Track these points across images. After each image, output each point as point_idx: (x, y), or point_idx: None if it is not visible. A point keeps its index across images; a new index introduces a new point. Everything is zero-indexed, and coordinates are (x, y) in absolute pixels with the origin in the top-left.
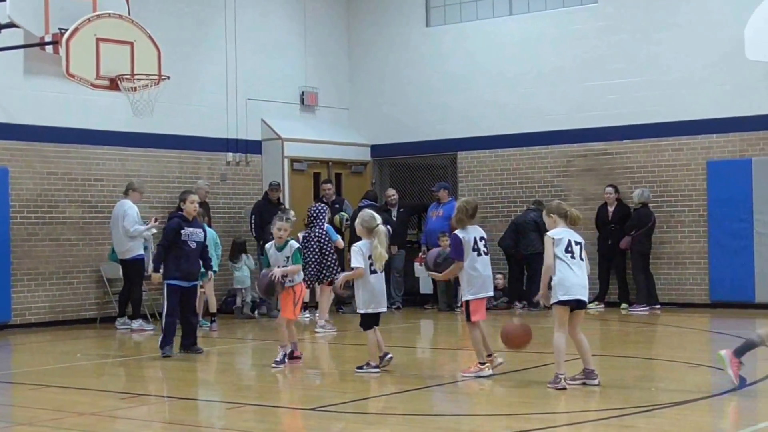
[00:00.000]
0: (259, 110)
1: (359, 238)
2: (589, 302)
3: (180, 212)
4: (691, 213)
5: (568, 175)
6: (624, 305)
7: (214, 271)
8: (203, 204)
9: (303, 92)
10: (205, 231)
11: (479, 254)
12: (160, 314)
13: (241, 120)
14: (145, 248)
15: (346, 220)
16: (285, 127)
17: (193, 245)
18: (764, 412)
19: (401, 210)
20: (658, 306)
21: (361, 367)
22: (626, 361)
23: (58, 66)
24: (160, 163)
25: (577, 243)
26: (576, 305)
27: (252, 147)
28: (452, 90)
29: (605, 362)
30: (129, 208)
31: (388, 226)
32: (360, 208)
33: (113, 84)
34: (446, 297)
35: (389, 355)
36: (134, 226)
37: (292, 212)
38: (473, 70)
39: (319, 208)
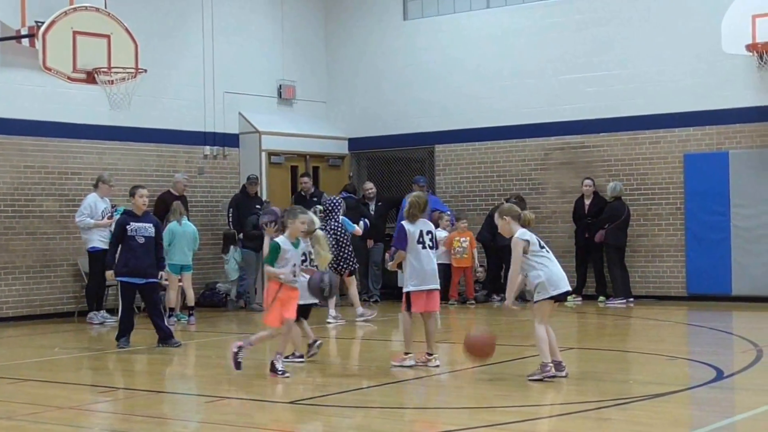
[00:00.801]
0: (237, 104)
1: None
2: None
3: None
4: (668, 206)
5: (545, 168)
6: (601, 298)
7: (189, 267)
8: (181, 198)
9: (280, 86)
10: (156, 226)
11: (424, 247)
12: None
13: (218, 113)
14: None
15: (321, 212)
16: (262, 121)
17: (142, 240)
18: (741, 404)
19: (379, 203)
20: (632, 300)
21: (287, 357)
22: (603, 354)
23: (34, 59)
24: (138, 157)
25: (540, 240)
26: (558, 298)
27: (229, 140)
28: (429, 83)
29: (583, 355)
30: (85, 200)
31: (366, 220)
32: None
33: (90, 77)
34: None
35: (318, 342)
36: (79, 218)
37: (319, 207)
38: (450, 64)
39: (334, 200)
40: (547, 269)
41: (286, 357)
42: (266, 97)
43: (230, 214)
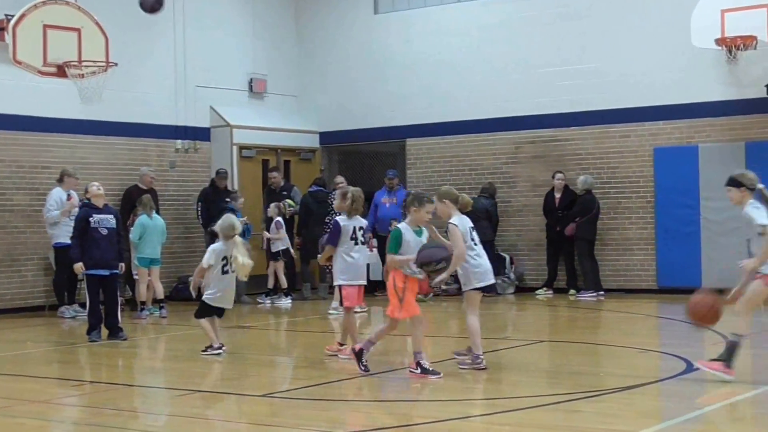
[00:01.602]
0: (208, 97)
1: (309, 222)
2: (538, 288)
3: (88, 200)
4: (639, 199)
5: (516, 162)
6: (572, 291)
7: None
8: (151, 191)
9: (251, 79)
10: (117, 217)
11: (356, 243)
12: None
13: (189, 107)
14: None
15: (290, 206)
16: (233, 114)
17: (105, 232)
18: (710, 396)
19: None
20: (602, 293)
21: (205, 350)
22: (575, 347)
23: (4, 53)
24: (109, 151)
25: (472, 228)
26: (486, 289)
27: (201, 134)
28: (401, 77)
29: (554, 348)
30: (51, 195)
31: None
32: (310, 194)
33: (61, 71)
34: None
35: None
36: (48, 214)
37: (289, 201)
38: (422, 58)
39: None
40: (474, 260)
41: (204, 350)
42: (237, 91)
43: (199, 208)
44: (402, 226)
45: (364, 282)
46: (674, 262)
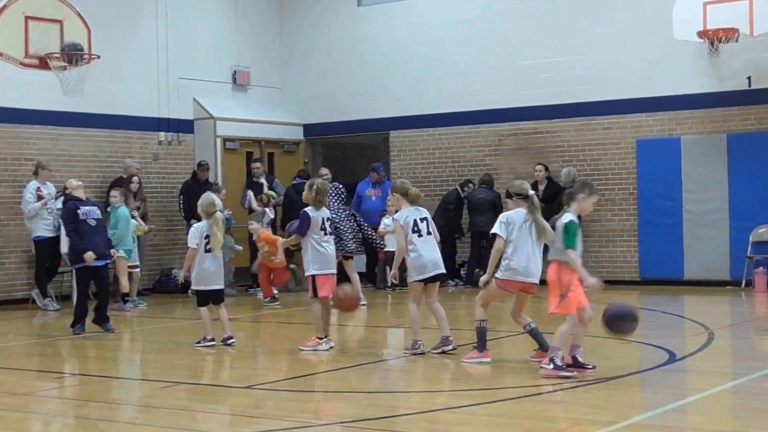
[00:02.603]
0: (191, 89)
1: (290, 217)
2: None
3: (70, 194)
4: (621, 191)
5: (498, 154)
6: None
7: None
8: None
9: (235, 71)
10: (101, 208)
11: (326, 233)
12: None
13: (172, 99)
14: (57, 227)
15: (272, 198)
16: (217, 107)
17: (93, 223)
18: (693, 386)
19: None
20: (587, 285)
21: (198, 342)
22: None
23: None
24: (92, 143)
25: (422, 219)
26: (431, 279)
27: (184, 126)
28: (384, 69)
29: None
30: (27, 188)
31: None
32: (294, 187)
33: (43, 62)
34: (383, 275)
35: (232, 340)
36: (27, 207)
37: (271, 192)
38: (405, 50)
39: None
40: (414, 253)
41: (197, 342)
42: (221, 83)
43: (181, 201)
44: (572, 215)
45: (334, 271)
46: (656, 253)
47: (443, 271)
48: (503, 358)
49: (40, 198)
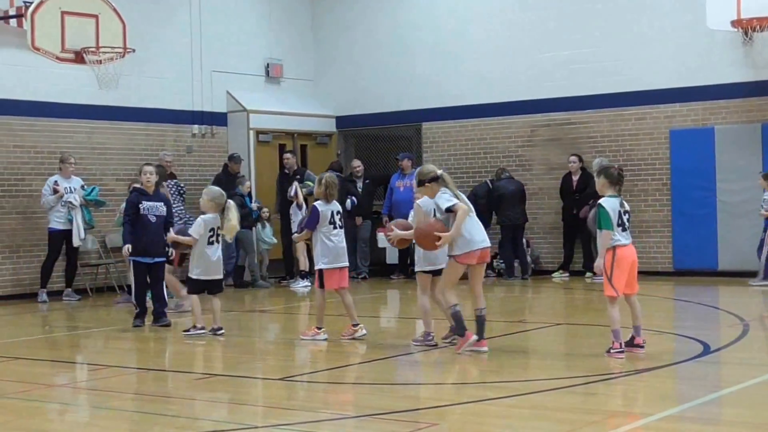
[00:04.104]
0: (224, 82)
1: None
2: (554, 271)
3: (140, 186)
4: (654, 182)
5: (531, 145)
6: (588, 274)
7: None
8: (171, 175)
9: (268, 64)
10: (168, 204)
11: (335, 227)
12: (128, 287)
13: (206, 92)
14: (70, 220)
15: (304, 187)
16: (250, 99)
17: (153, 219)
18: (728, 379)
19: (367, 181)
20: None
21: (188, 330)
22: (591, 330)
23: (23, 39)
24: (126, 136)
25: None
26: (438, 272)
27: (217, 119)
28: (416, 61)
29: (570, 331)
30: (47, 182)
31: (353, 198)
32: None
33: (78, 57)
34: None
35: (221, 331)
36: (44, 200)
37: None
38: (437, 40)
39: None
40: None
41: (186, 330)
42: (254, 76)
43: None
44: (606, 201)
45: (345, 264)
46: (690, 244)
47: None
48: (533, 351)
49: (56, 191)
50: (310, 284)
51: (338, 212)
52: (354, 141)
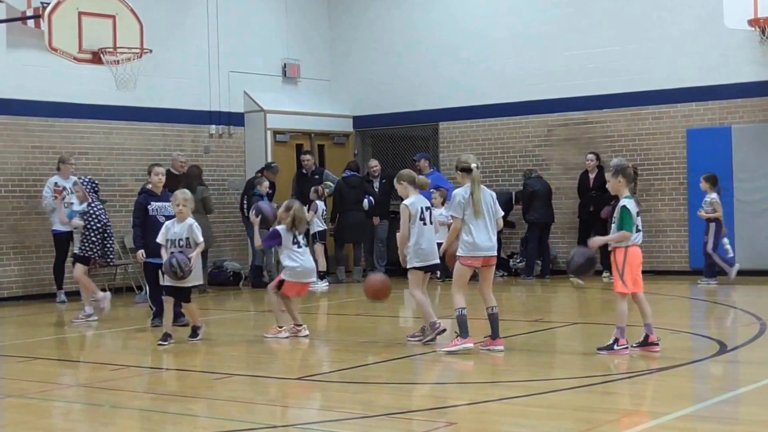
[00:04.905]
0: (242, 82)
1: (340, 209)
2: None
3: (146, 188)
4: (671, 181)
5: (548, 145)
6: (606, 273)
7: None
8: (182, 176)
9: (285, 64)
10: None
11: (299, 246)
12: (138, 288)
13: (223, 92)
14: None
15: (327, 187)
16: (267, 99)
17: (163, 219)
18: (744, 378)
19: (383, 181)
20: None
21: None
22: (609, 329)
23: (40, 40)
24: (144, 136)
25: (427, 208)
26: (429, 269)
27: (234, 119)
28: (433, 60)
29: (588, 330)
30: (47, 184)
31: (371, 198)
32: (344, 179)
33: (96, 57)
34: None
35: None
36: (45, 202)
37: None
38: (454, 41)
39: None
40: (416, 239)
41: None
42: (271, 76)
43: (244, 201)
44: (627, 202)
45: (311, 280)
46: None
47: (438, 261)
48: (551, 350)
49: (57, 194)
50: (328, 284)
51: (301, 234)
52: (371, 141)
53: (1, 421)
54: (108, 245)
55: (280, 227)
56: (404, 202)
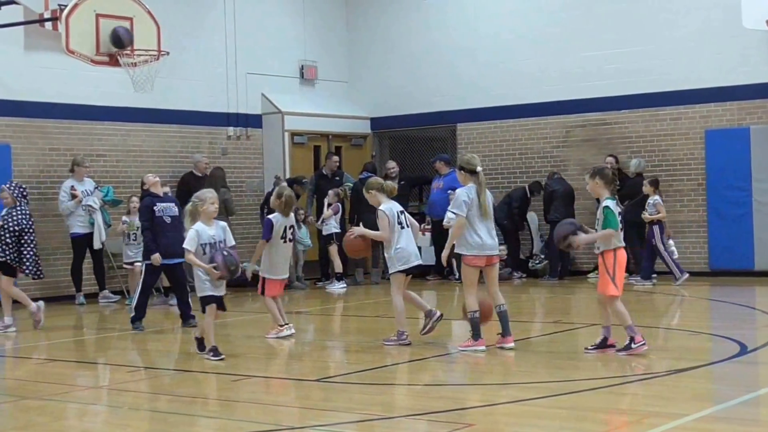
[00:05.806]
0: (259, 84)
1: (357, 210)
2: (590, 271)
3: (147, 190)
4: (690, 182)
5: (567, 146)
6: (592, 274)
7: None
8: (204, 177)
9: (302, 66)
10: (178, 205)
11: (285, 241)
12: (165, 288)
13: (241, 94)
14: (92, 223)
15: (349, 189)
16: (285, 101)
17: (169, 220)
18: (764, 379)
19: (402, 182)
20: (655, 276)
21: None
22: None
23: (58, 42)
24: (161, 138)
25: (401, 212)
26: (411, 271)
27: (252, 121)
28: (451, 62)
29: None
30: (63, 187)
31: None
32: (361, 181)
33: (113, 60)
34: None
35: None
36: (62, 206)
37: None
38: (471, 42)
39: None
40: (397, 244)
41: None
42: (288, 78)
43: (265, 212)
44: (611, 203)
45: (285, 276)
46: (726, 244)
47: (421, 262)
48: (569, 351)
49: (74, 197)
50: (345, 286)
51: (291, 227)
52: (389, 142)
53: (18, 422)
54: (27, 252)
55: (273, 216)
56: (380, 207)
